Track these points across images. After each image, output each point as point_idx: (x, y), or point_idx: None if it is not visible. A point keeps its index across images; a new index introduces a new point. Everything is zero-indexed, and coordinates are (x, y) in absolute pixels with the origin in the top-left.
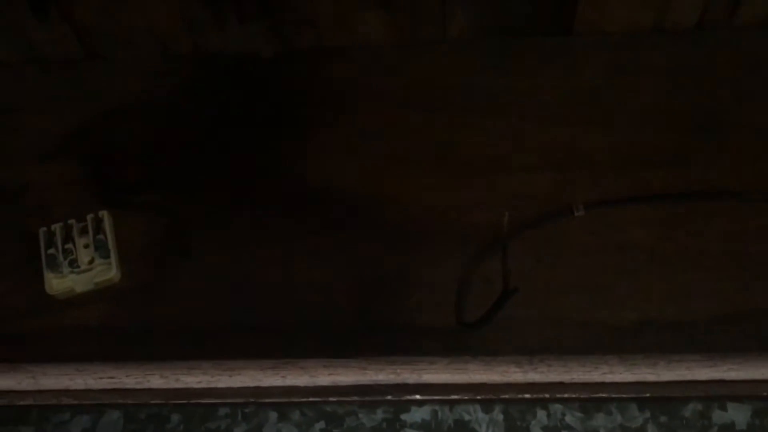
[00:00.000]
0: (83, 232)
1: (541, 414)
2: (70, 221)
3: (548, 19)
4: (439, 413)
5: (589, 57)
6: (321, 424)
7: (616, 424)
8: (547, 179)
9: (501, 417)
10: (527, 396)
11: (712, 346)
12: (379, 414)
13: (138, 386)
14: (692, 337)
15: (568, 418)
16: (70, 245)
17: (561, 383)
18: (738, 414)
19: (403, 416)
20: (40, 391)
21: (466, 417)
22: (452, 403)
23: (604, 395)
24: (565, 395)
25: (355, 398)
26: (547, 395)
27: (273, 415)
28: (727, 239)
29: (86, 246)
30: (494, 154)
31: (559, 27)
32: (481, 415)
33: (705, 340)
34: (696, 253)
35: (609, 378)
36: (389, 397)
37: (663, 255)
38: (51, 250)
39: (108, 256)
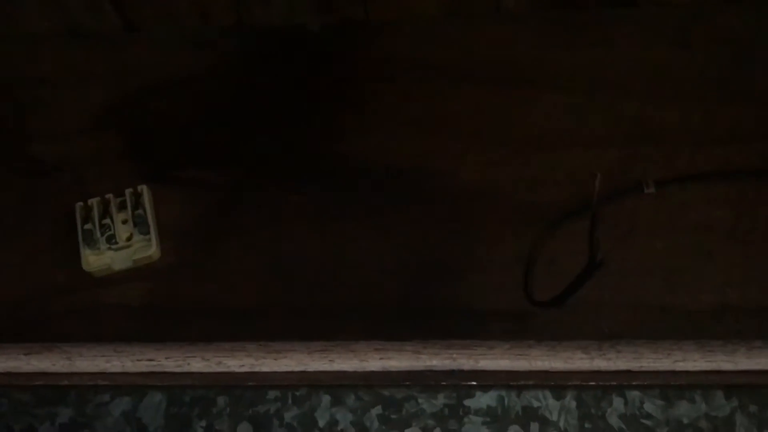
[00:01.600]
0: (122, 207)
1: (617, 401)
2: (108, 196)
3: None
4: (506, 399)
5: (656, 29)
6: (377, 410)
7: (701, 413)
8: (615, 155)
9: (573, 404)
10: (592, 384)
11: None
12: (441, 399)
13: (178, 369)
14: None
15: (647, 406)
16: (107, 221)
17: (629, 371)
18: None
19: (467, 402)
20: (76, 373)
21: (536, 403)
22: (520, 389)
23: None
24: (633, 383)
25: (408, 384)
26: (614, 383)
27: (326, 399)
28: None
29: (125, 222)
30: (557, 128)
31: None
32: (551, 401)
33: None
34: None
35: (681, 366)
36: (444, 383)
37: (743, 235)
38: (88, 225)
39: (147, 233)
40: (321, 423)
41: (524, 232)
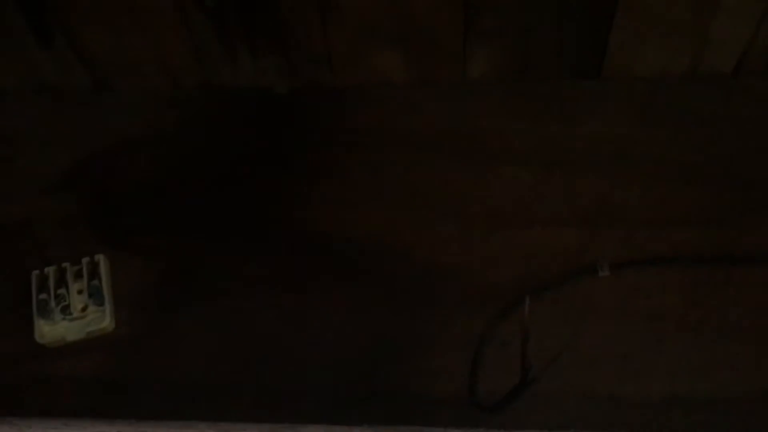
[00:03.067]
0: (78, 276)
1: None
2: (64, 264)
3: (574, 62)
4: None
5: (618, 103)
6: None
7: None
8: (572, 235)
9: None
10: None
11: (749, 427)
12: None
13: None
14: (726, 416)
15: None
16: (63, 290)
17: None
18: None
19: None
20: None
21: None
22: None
23: None
24: None
25: None
26: None
27: None
28: (763, 308)
29: (80, 292)
30: (515, 205)
31: (586, 71)
32: None
33: (740, 419)
34: (731, 323)
35: None
36: None
37: (694, 323)
38: (43, 295)
39: (102, 304)
40: None
41: (478, 313)
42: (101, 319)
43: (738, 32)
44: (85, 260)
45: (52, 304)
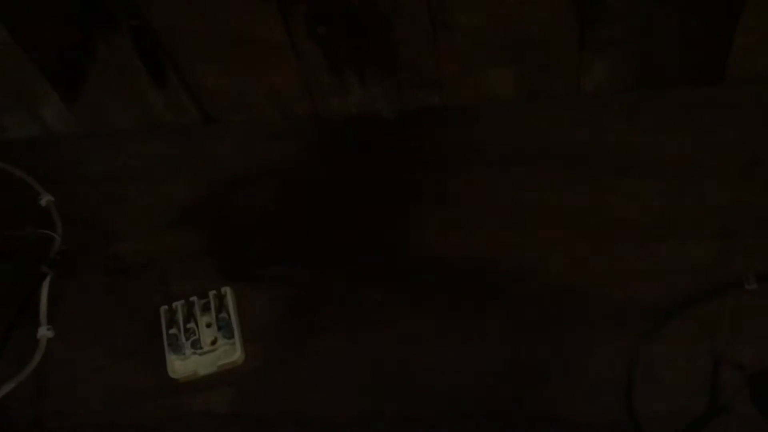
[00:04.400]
0: (205, 309)
1: None
2: (192, 298)
3: (694, 67)
4: None
5: (746, 107)
6: None
7: None
8: (711, 247)
9: None
10: None
11: None
12: None
13: None
14: None
15: None
16: (192, 324)
17: None
18: None
19: None
20: None
21: None
22: None
23: None
24: None
25: None
26: None
27: None
28: None
29: (209, 325)
30: (648, 218)
31: (708, 75)
32: None
33: None
34: None
35: None
36: None
37: None
38: (173, 330)
39: (232, 336)
40: None
41: (617, 333)
42: (232, 352)
43: None
44: (212, 293)
45: (182, 338)
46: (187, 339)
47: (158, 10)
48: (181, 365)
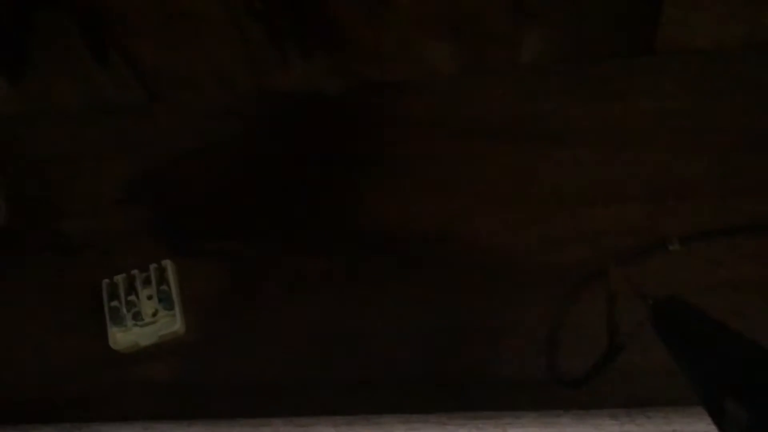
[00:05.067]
0: (146, 282)
1: None
2: (133, 272)
3: (628, 39)
4: None
5: (676, 77)
6: None
7: None
8: (638, 211)
9: None
10: None
11: None
12: None
13: None
14: None
15: None
16: (133, 297)
17: None
18: None
19: None
20: None
21: None
22: None
23: None
24: None
25: None
26: None
27: None
28: None
29: (150, 297)
30: (578, 185)
31: (639, 47)
32: None
33: None
34: None
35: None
36: None
37: None
38: (114, 303)
39: (172, 308)
40: None
41: (549, 295)
42: (172, 323)
43: None
44: (153, 266)
45: (124, 310)
46: (129, 311)
47: None
48: (123, 337)
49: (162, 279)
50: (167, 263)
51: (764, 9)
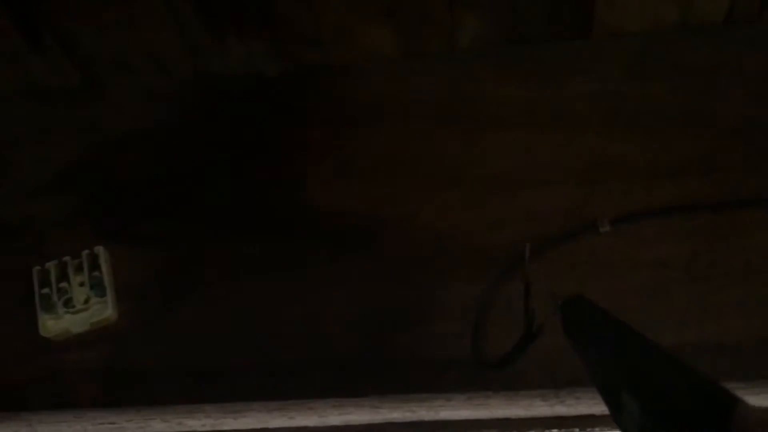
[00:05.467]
0: (78, 269)
1: None
2: (64, 258)
3: (564, 23)
4: None
5: (611, 60)
6: None
7: None
8: (571, 192)
9: None
10: (555, 431)
11: (760, 372)
12: None
13: (139, 431)
14: (737, 362)
15: None
16: (64, 284)
17: (592, 416)
18: None
19: None
20: None
21: None
22: None
23: None
24: (596, 429)
25: None
26: (577, 429)
27: None
28: None
29: (81, 284)
30: (513, 167)
31: (576, 30)
32: None
33: (750, 364)
34: (737, 268)
35: None
36: None
37: (700, 271)
38: (45, 290)
39: (104, 295)
40: None
41: (481, 276)
42: (104, 310)
43: None
44: (84, 252)
45: (55, 298)
46: (60, 298)
47: None
48: (54, 324)
49: (94, 265)
50: (99, 249)
51: None
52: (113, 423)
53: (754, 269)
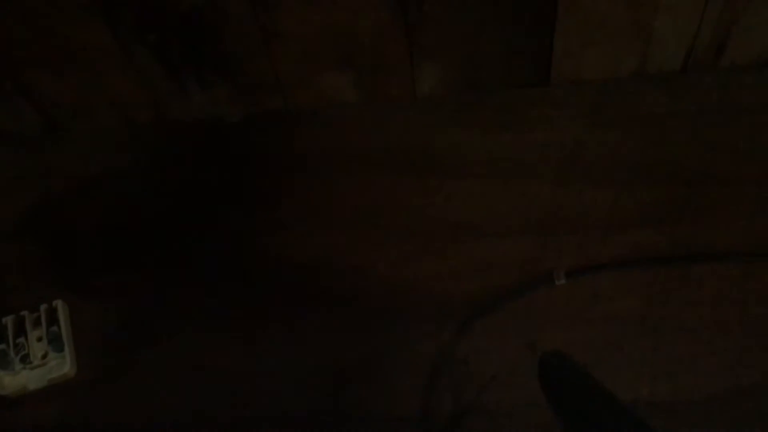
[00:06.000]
0: (37, 323)
1: None
2: (22, 313)
3: (522, 71)
4: None
5: (568, 108)
6: None
7: None
8: (528, 244)
9: None
10: None
11: (711, 429)
12: None
13: None
14: (688, 419)
15: None
16: (22, 339)
17: None
18: None
19: None
20: None
21: None
22: None
23: None
24: None
25: None
26: None
27: None
28: (723, 304)
29: (39, 339)
30: (469, 218)
31: (535, 79)
32: None
33: (703, 421)
34: (691, 322)
35: None
36: None
37: (654, 324)
38: (2, 345)
39: (62, 350)
40: None
41: (435, 329)
42: (62, 366)
43: (682, 28)
44: (43, 307)
45: (12, 353)
46: (17, 354)
47: None
48: (11, 381)
49: (53, 319)
50: (58, 303)
51: (653, 41)
52: None
53: (706, 324)
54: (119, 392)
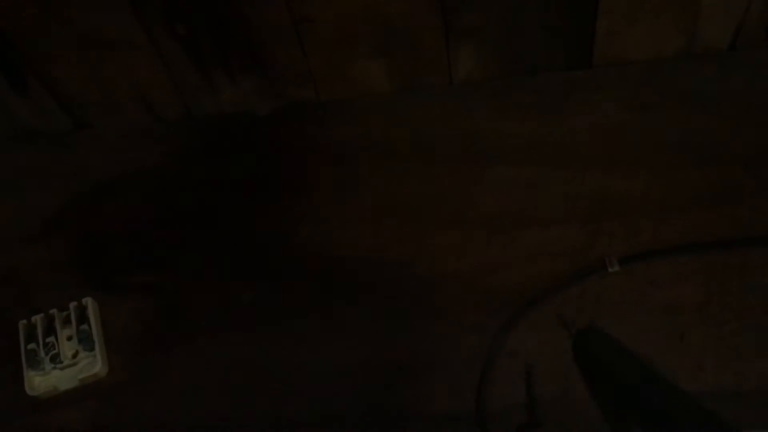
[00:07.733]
0: (66, 322)
1: None
2: (51, 311)
3: (563, 53)
4: None
5: (612, 91)
6: None
7: None
8: (576, 232)
9: None
10: None
11: None
12: None
13: None
14: (755, 409)
15: None
16: (51, 338)
17: None
18: None
19: None
20: None
21: None
22: None
23: None
24: None
25: None
26: None
27: None
28: None
29: (69, 338)
30: (515, 206)
31: (576, 61)
32: None
33: None
34: (753, 309)
35: None
36: None
37: (715, 312)
38: (31, 345)
39: (93, 349)
40: None
41: (484, 323)
42: (93, 365)
43: (731, 3)
44: (72, 305)
45: (42, 353)
46: (47, 354)
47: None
48: (41, 381)
49: (83, 318)
50: (88, 301)
51: (702, 19)
52: None
53: None
54: (150, 391)
